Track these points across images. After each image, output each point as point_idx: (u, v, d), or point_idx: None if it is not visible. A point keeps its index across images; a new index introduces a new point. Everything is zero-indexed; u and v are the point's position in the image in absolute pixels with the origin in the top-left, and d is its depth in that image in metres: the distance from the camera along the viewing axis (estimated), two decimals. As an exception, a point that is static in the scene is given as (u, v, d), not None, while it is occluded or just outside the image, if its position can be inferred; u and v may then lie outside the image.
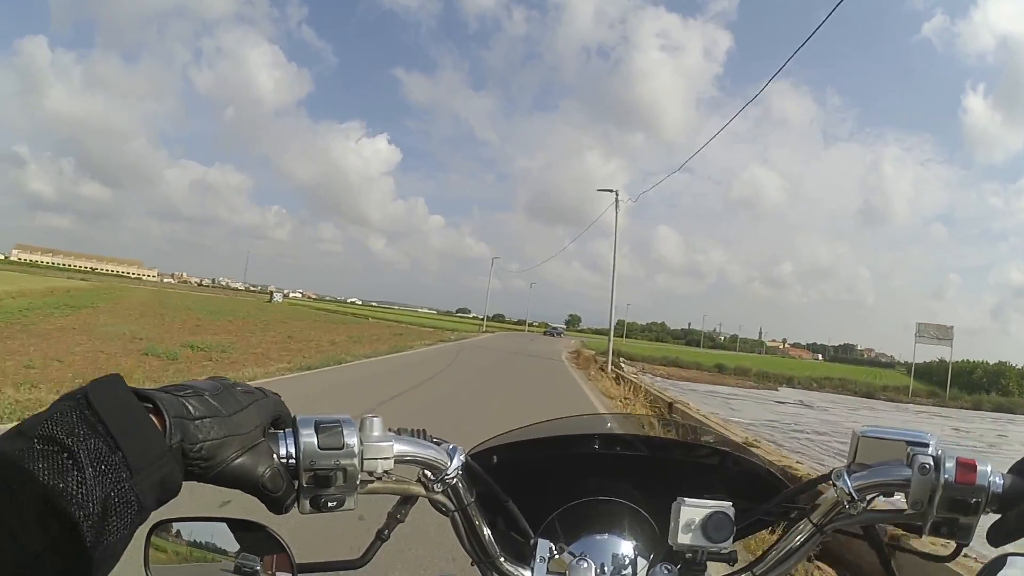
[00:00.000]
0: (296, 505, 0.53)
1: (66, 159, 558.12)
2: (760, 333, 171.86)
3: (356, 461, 0.53)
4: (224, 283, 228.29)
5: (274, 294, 75.24)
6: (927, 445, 0.60)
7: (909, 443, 0.61)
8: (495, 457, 0.83)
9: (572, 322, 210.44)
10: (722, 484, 0.77)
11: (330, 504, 0.54)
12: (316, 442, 0.52)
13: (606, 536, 0.74)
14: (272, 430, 0.54)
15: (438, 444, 0.64)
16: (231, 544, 0.58)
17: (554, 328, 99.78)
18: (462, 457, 0.64)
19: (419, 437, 0.63)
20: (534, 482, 0.81)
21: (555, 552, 0.69)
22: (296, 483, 0.53)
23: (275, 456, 0.52)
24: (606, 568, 0.69)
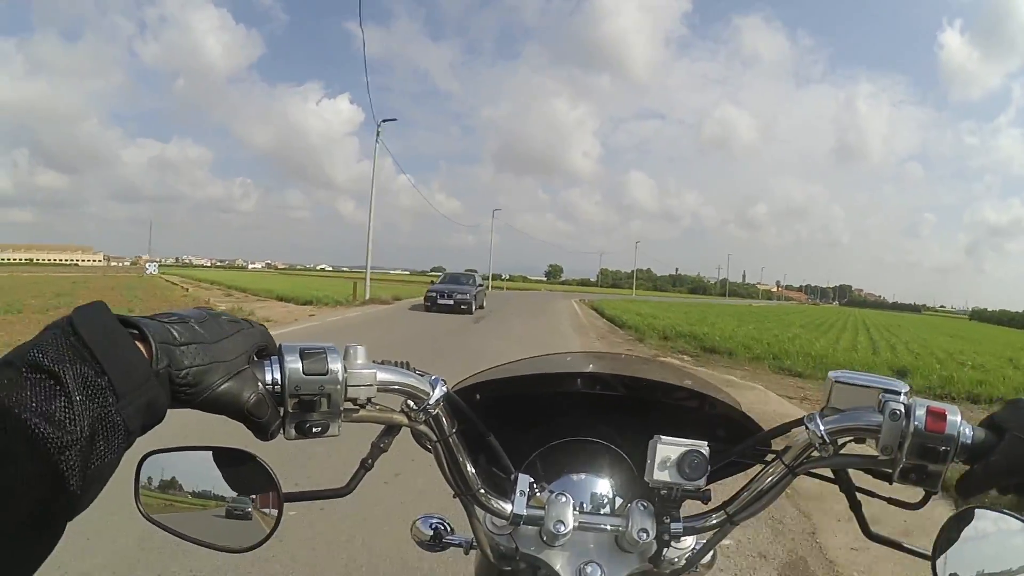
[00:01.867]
0: (282, 431, 0.55)
1: (19, 150, 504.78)
2: (743, 276, 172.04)
3: (340, 387, 0.55)
4: (187, 261, 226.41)
5: (148, 265, 65.56)
6: (899, 393, 0.61)
7: (882, 390, 0.62)
8: (478, 394, 0.85)
9: (553, 273, 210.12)
10: (699, 426, 0.78)
11: (315, 430, 0.55)
12: (301, 368, 0.54)
13: (585, 476, 0.77)
14: (257, 359, 0.55)
15: (422, 376, 0.65)
16: (220, 473, 0.59)
17: (453, 288, 21.41)
18: (444, 388, 0.65)
19: (406, 368, 0.64)
20: (517, 419, 0.84)
21: (536, 489, 0.71)
22: (281, 409, 0.54)
23: (260, 382, 0.53)
24: (585, 505, 0.73)
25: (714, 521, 0.70)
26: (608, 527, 0.70)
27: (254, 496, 0.60)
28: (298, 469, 3.64)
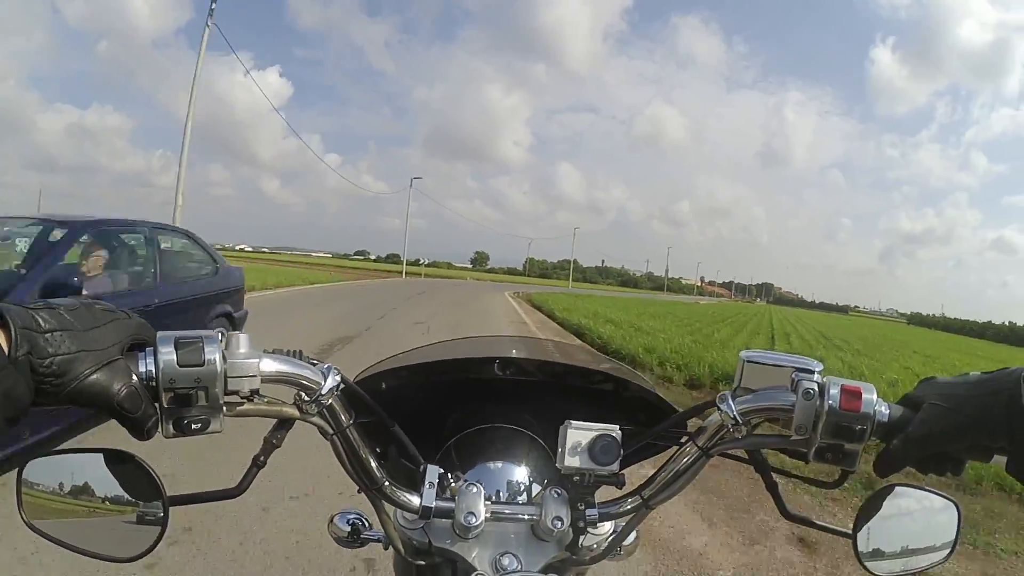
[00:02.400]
0: (160, 428, 0.52)
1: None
2: (667, 271, 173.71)
3: (219, 379, 0.52)
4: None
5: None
6: (812, 372, 0.61)
7: (795, 369, 0.61)
8: (384, 382, 0.82)
9: (479, 260, 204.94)
10: (615, 409, 0.80)
11: (194, 426, 0.52)
12: (175, 359, 0.51)
13: (501, 463, 0.76)
14: (133, 351, 0.52)
15: (314, 365, 0.62)
16: (107, 477, 0.56)
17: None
18: (337, 377, 0.62)
19: (294, 357, 0.61)
20: (431, 407, 0.84)
21: (451, 479, 0.70)
22: (157, 405, 0.51)
23: (133, 374, 0.50)
24: (501, 494, 0.72)
25: (630, 506, 0.70)
26: (523, 516, 0.69)
27: (141, 501, 0.56)
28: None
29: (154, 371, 0.51)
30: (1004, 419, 0.52)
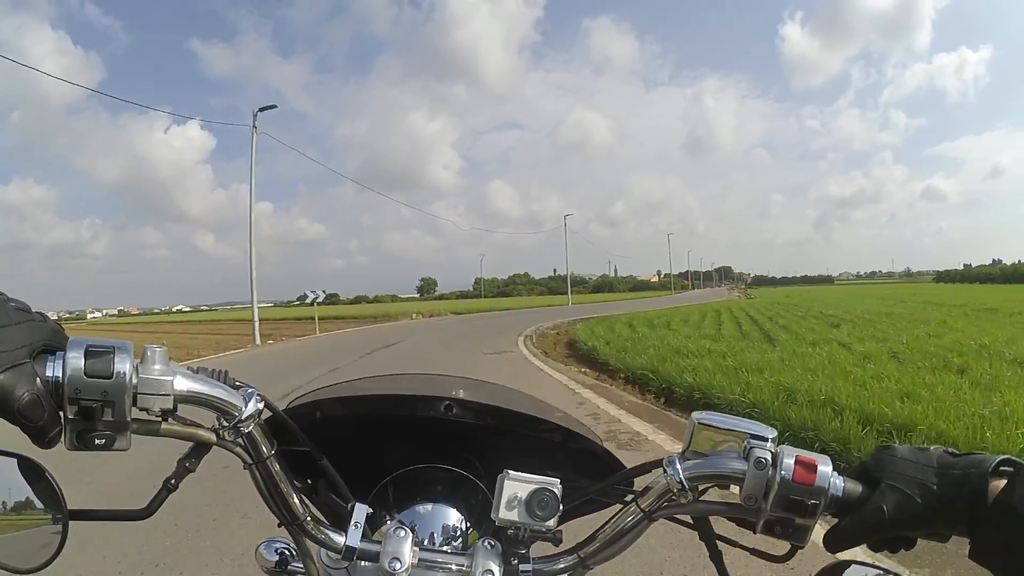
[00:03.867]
0: (63, 439, 0.49)
1: None
2: (615, 271, 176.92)
3: (127, 395, 0.49)
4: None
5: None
6: (766, 439, 0.59)
7: (748, 435, 0.59)
8: (319, 412, 0.77)
9: (426, 288, 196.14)
10: (560, 460, 0.76)
11: (98, 441, 0.49)
12: (83, 368, 0.48)
13: (440, 506, 0.74)
14: (42, 355, 0.49)
15: (237, 388, 0.59)
16: (16, 481, 0.54)
17: None
18: (259, 404, 0.59)
19: (218, 379, 0.58)
20: (369, 442, 0.80)
21: (383, 518, 0.70)
22: (61, 414, 0.48)
23: (38, 381, 0.47)
24: (435, 538, 0.70)
25: (564, 565, 0.66)
26: (452, 566, 0.65)
27: (47, 512, 0.54)
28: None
29: (61, 379, 0.47)
30: (966, 513, 0.51)
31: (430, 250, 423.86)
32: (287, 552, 0.81)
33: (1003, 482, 0.51)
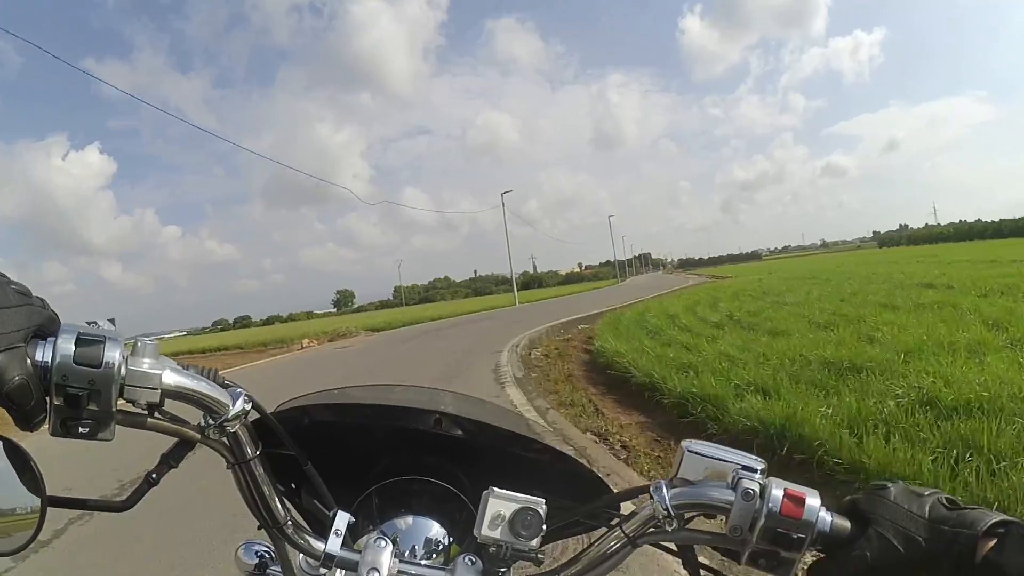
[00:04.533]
0: (47, 424, 0.49)
1: None
2: (534, 267, 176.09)
3: (114, 386, 0.49)
4: None
5: None
6: (756, 471, 0.59)
7: (737, 464, 0.59)
8: (308, 416, 0.76)
9: (343, 301, 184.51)
10: (546, 481, 0.74)
11: (81, 430, 0.49)
12: (72, 356, 0.48)
13: (422, 518, 0.73)
14: (35, 339, 0.49)
15: (226, 387, 0.59)
16: None
17: None
18: (247, 405, 0.59)
19: (207, 376, 0.58)
20: (357, 451, 0.79)
21: (365, 528, 0.70)
22: (48, 399, 0.48)
23: (29, 364, 0.47)
24: (416, 551, 0.70)
25: None
26: None
27: (25, 495, 0.54)
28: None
29: (50, 364, 0.47)
30: (951, 573, 0.51)
31: (347, 262, 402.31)
32: (267, 555, 0.80)
33: (993, 541, 0.50)
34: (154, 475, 0.60)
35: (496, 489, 0.63)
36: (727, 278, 39.05)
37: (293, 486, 0.74)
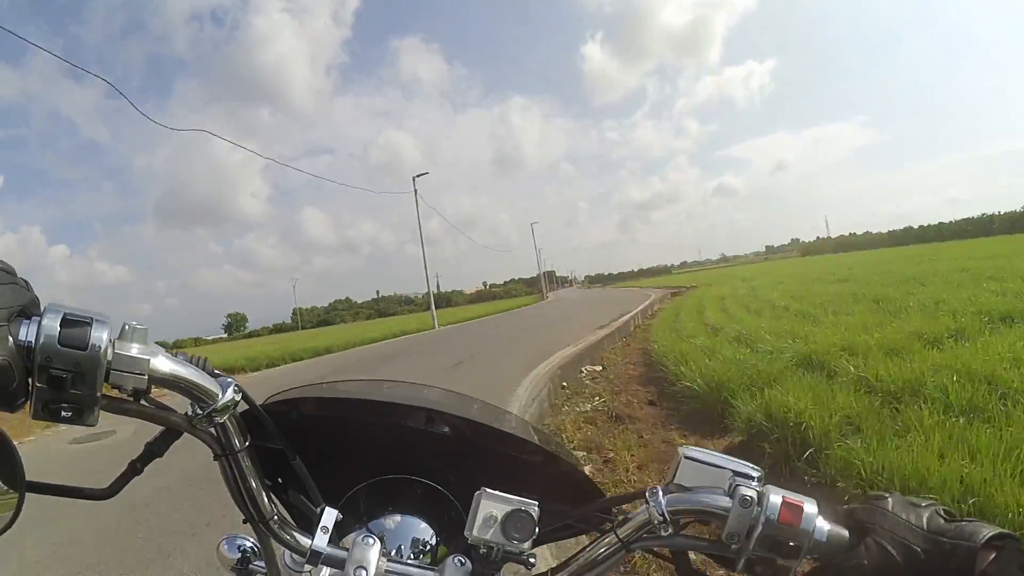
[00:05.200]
0: (28, 407, 0.47)
1: None
2: (438, 286, 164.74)
3: (100, 369, 0.47)
4: None
5: None
6: (753, 478, 0.59)
7: (734, 472, 0.60)
8: (298, 410, 0.75)
9: (235, 325, 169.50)
10: (538, 483, 0.72)
11: (64, 414, 0.47)
12: (57, 336, 0.46)
13: (411, 518, 0.73)
14: (19, 318, 0.48)
15: (216, 376, 0.58)
16: None
17: None
18: (237, 395, 0.58)
19: (196, 365, 0.56)
20: (345, 447, 0.78)
21: (352, 526, 0.69)
22: (31, 380, 0.46)
23: (11, 343, 0.45)
24: (403, 551, 0.69)
25: None
26: None
27: (1, 481, 0.53)
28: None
29: (34, 345, 0.46)
30: None
31: (244, 284, 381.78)
32: (250, 550, 0.79)
33: (992, 555, 0.50)
34: (139, 464, 0.59)
35: (488, 490, 0.62)
36: (692, 287, 32.35)
37: (280, 480, 0.71)
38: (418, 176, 30.03)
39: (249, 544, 0.79)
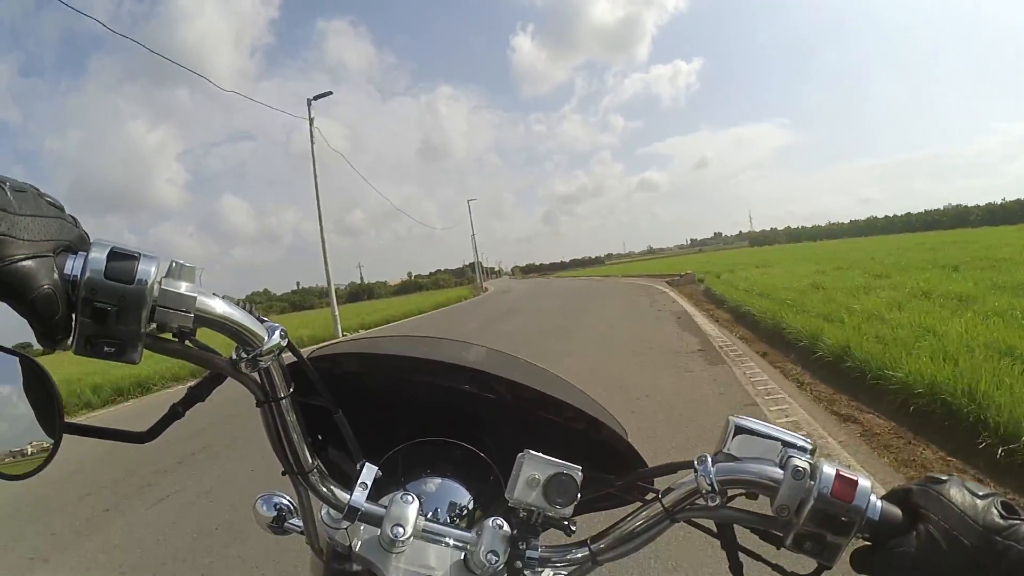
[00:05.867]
0: (72, 341, 0.46)
1: None
2: (361, 277, 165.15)
3: (145, 305, 0.45)
4: None
5: None
6: (806, 450, 0.57)
7: (786, 443, 0.58)
8: (342, 365, 0.74)
9: None
10: (580, 450, 0.68)
11: (106, 349, 0.46)
12: (103, 269, 0.44)
13: (448, 481, 0.71)
14: (64, 254, 0.46)
15: (262, 321, 0.55)
16: (14, 381, 0.50)
17: None
18: (283, 340, 0.56)
19: (245, 309, 0.54)
20: (387, 404, 0.77)
21: (389, 486, 0.66)
22: (74, 315, 0.45)
23: (57, 276, 0.44)
24: (440, 513, 0.67)
25: (576, 556, 0.63)
26: (455, 543, 0.62)
27: (40, 420, 0.51)
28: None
29: (79, 278, 0.44)
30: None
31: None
32: (286, 508, 0.78)
33: None
34: (180, 407, 0.59)
35: (531, 452, 0.60)
36: (684, 276, 23.78)
37: (320, 437, 0.70)
38: (316, 98, 20.27)
39: (286, 502, 0.77)
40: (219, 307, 0.50)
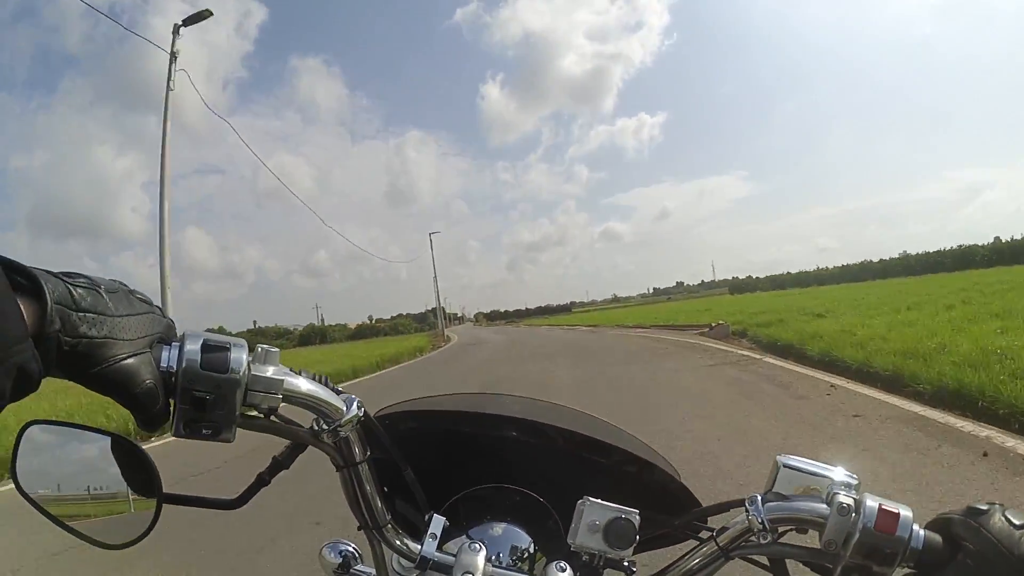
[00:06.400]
0: (170, 426, 0.50)
1: None
2: (321, 319, 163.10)
3: (239, 390, 0.49)
4: None
5: None
6: (851, 486, 0.59)
7: (831, 480, 0.60)
8: (404, 423, 0.79)
9: None
10: (633, 492, 0.71)
11: (205, 431, 0.50)
12: (199, 361, 0.48)
13: (510, 526, 0.73)
14: (158, 344, 0.50)
15: (339, 394, 0.60)
16: (107, 460, 0.55)
17: None
18: (360, 410, 0.61)
19: (321, 382, 0.59)
20: (443, 456, 0.80)
21: (454, 533, 0.69)
22: (172, 402, 0.49)
23: (157, 371, 0.48)
24: (502, 558, 0.69)
25: None
26: None
27: (137, 492, 0.56)
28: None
29: (175, 368, 0.48)
30: None
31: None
32: (351, 555, 0.81)
33: None
34: (267, 476, 0.63)
35: (590, 499, 0.63)
36: (716, 327, 17.49)
37: (385, 490, 0.71)
38: (188, 22, 15.13)
39: (351, 549, 0.80)
40: (303, 385, 0.54)
